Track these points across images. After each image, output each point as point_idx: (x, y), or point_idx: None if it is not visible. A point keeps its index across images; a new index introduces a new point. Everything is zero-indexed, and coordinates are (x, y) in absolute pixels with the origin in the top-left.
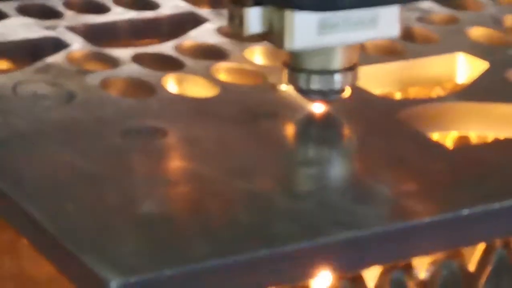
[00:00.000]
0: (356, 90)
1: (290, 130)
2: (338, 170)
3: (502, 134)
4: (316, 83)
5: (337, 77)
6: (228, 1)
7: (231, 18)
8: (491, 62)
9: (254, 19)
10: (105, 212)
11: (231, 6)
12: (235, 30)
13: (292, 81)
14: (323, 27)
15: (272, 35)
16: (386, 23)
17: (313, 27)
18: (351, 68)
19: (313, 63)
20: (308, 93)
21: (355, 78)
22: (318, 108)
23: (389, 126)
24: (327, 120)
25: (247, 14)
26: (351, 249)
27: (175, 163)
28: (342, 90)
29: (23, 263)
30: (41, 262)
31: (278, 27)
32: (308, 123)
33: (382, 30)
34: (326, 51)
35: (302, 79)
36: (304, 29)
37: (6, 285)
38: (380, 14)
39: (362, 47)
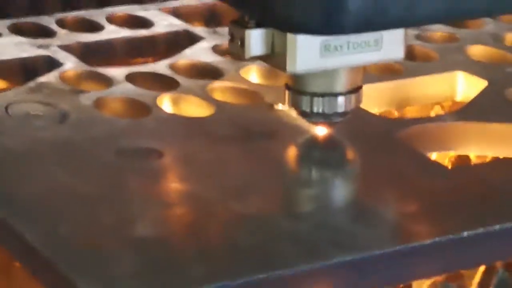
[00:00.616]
0: (354, 109)
1: (287, 150)
2: (336, 190)
3: (502, 154)
4: (319, 106)
5: (341, 100)
6: (229, 22)
7: (232, 40)
8: (490, 81)
9: (255, 41)
10: (99, 234)
11: (232, 27)
12: (235, 52)
13: (294, 103)
14: (326, 50)
15: (273, 58)
16: (391, 46)
17: (316, 50)
18: (355, 91)
19: (316, 86)
20: (311, 116)
21: (359, 100)
22: (320, 131)
23: (388, 146)
24: (325, 140)
25: (248, 36)
26: (351, 272)
27: (171, 184)
28: (346, 113)
29: (17, 285)
30: (35, 286)
31: (280, 49)
32: (306, 143)
33: (387, 53)
34: (329, 74)
35: (304, 102)
36: (306, 51)
37: None
38: (385, 36)
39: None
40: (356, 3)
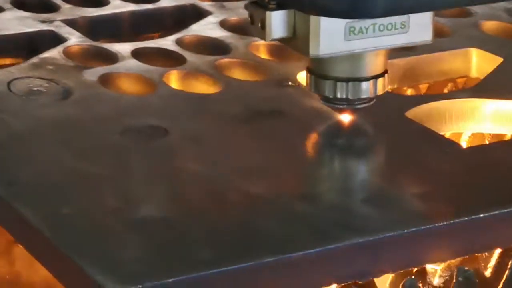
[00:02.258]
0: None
1: (296, 129)
2: (347, 171)
3: None
4: (343, 92)
5: (366, 85)
6: (248, 2)
7: (252, 21)
8: (506, 57)
9: (277, 23)
10: (104, 215)
11: (251, 8)
12: (256, 35)
13: (317, 88)
14: (351, 32)
15: (296, 41)
16: (418, 28)
17: (340, 33)
18: (380, 75)
19: (340, 70)
20: (334, 102)
21: (385, 85)
22: (344, 118)
23: (400, 124)
24: (335, 119)
25: (269, 18)
26: (362, 255)
27: (176, 164)
28: (371, 99)
29: (18, 267)
30: (37, 266)
31: (302, 32)
32: (316, 122)
33: (414, 35)
34: (354, 57)
35: (328, 87)
36: (330, 34)
37: None
38: (412, 19)
39: None
40: None
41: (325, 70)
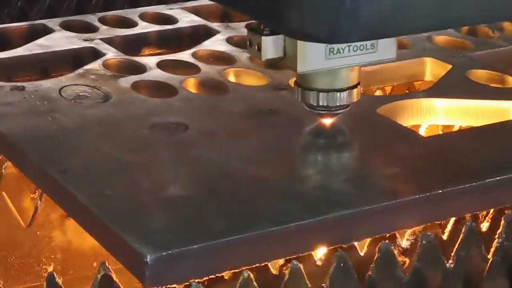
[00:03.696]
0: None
1: (290, 124)
2: (331, 157)
3: (465, 123)
4: (324, 100)
5: (342, 95)
6: (248, 29)
7: (250, 45)
8: (454, 64)
9: (270, 46)
10: (138, 195)
11: (250, 34)
12: (253, 55)
13: (303, 98)
14: (330, 53)
15: (286, 60)
16: (385, 48)
17: (322, 53)
18: (354, 87)
19: (322, 83)
20: (317, 109)
21: (358, 95)
22: (325, 121)
23: (372, 119)
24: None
25: (264, 42)
26: (344, 224)
27: (195, 153)
28: (347, 106)
29: (70, 237)
30: (86, 236)
31: (291, 53)
32: (306, 119)
33: (381, 54)
34: (332, 73)
35: (312, 96)
36: (314, 54)
37: (56, 255)
38: (380, 41)
39: None
40: (361, 19)
41: (310, 83)
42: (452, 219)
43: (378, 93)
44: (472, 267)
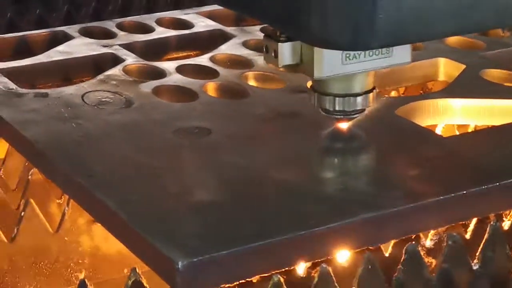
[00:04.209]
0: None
1: (311, 126)
2: (354, 159)
3: (481, 123)
4: (340, 105)
5: (359, 100)
6: (264, 36)
7: (266, 51)
8: (467, 64)
9: (287, 52)
10: (165, 200)
11: (266, 40)
12: (270, 62)
13: (319, 103)
14: (347, 58)
15: (302, 66)
16: (400, 52)
17: (338, 58)
18: (369, 91)
19: (338, 88)
20: (333, 113)
21: (373, 99)
22: (342, 126)
23: (392, 120)
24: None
25: (281, 48)
26: (370, 226)
27: (220, 157)
28: (363, 110)
29: (97, 242)
30: (113, 241)
31: (308, 59)
32: (326, 120)
33: (396, 58)
34: (349, 78)
35: (328, 101)
36: (331, 61)
37: (84, 260)
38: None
39: None
40: (381, 27)
41: (326, 88)
42: (475, 219)
43: (393, 94)
44: (498, 267)
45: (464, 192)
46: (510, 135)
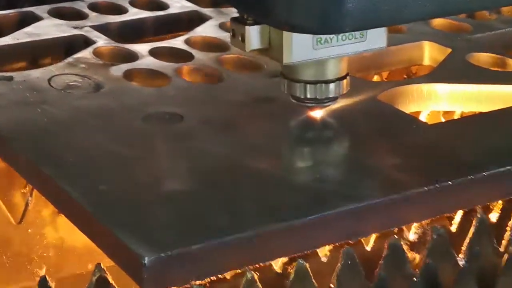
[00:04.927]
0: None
1: (287, 111)
2: (333, 147)
3: (467, 109)
4: (312, 92)
5: (331, 86)
6: (230, 19)
7: (233, 35)
8: (453, 48)
9: (254, 36)
10: (134, 190)
11: (233, 24)
12: (237, 46)
13: (290, 90)
14: (318, 43)
15: (271, 51)
16: (375, 37)
17: (309, 43)
18: (343, 78)
19: (309, 75)
20: (304, 101)
21: (347, 86)
22: (314, 114)
23: (374, 106)
24: None
25: (248, 32)
26: (351, 219)
27: (193, 144)
28: (336, 98)
29: (62, 234)
30: (78, 233)
31: (276, 43)
32: (303, 107)
33: (371, 43)
34: (320, 63)
35: (299, 89)
36: (301, 45)
37: (49, 253)
38: (369, 30)
39: None
40: (351, 8)
41: (296, 75)
42: (461, 211)
43: (375, 78)
44: (485, 262)
45: (449, 182)
46: (498, 122)
